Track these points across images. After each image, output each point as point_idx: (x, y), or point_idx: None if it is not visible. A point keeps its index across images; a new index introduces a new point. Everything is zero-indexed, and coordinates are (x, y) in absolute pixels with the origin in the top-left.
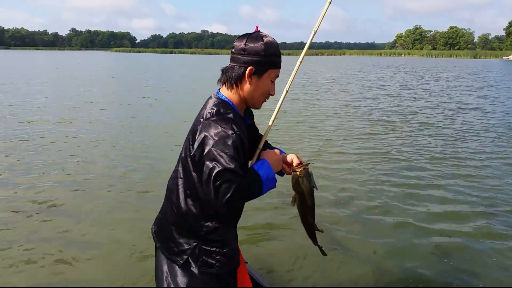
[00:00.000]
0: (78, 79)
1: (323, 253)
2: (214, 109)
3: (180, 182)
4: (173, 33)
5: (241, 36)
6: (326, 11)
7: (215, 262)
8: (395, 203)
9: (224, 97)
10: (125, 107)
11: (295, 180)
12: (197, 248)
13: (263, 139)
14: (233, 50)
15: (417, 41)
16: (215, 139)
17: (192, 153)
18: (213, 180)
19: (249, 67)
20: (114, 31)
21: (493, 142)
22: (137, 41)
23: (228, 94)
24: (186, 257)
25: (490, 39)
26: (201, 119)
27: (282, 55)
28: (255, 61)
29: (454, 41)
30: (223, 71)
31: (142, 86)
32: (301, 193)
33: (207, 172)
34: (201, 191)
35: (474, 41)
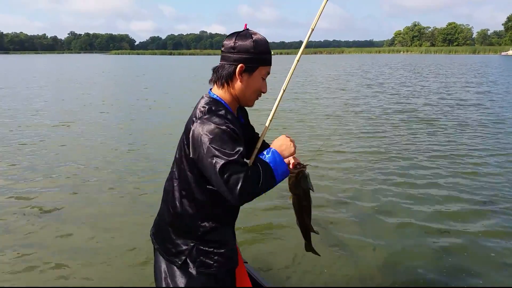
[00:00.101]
0: (77, 82)
1: (316, 253)
2: (205, 107)
3: (175, 183)
4: (172, 34)
5: (230, 34)
6: (323, 9)
7: (212, 262)
8: (395, 202)
9: (215, 96)
10: (125, 110)
11: (292, 181)
12: (195, 248)
13: (261, 138)
14: (223, 49)
15: (415, 38)
16: (210, 137)
17: (187, 153)
18: (220, 175)
19: (240, 65)
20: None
21: (493, 138)
22: (136, 43)
23: (219, 93)
24: (184, 257)
25: (489, 34)
26: (194, 118)
27: (281, 54)
28: (245, 58)
29: (452, 37)
30: (214, 70)
31: (141, 88)
32: (298, 194)
33: (212, 170)
34: (196, 191)
35: (473, 37)
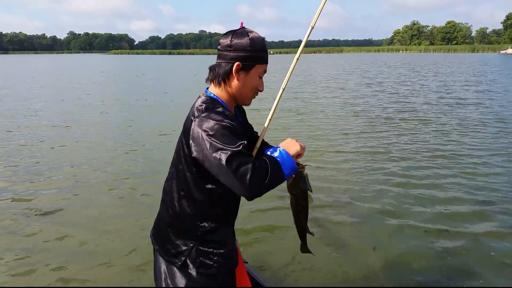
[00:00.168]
0: (76, 83)
1: (311, 253)
2: (203, 105)
3: (174, 183)
4: (171, 34)
5: (227, 33)
6: (322, 7)
7: (212, 263)
8: (395, 201)
9: (212, 95)
10: (124, 110)
11: (290, 181)
12: (194, 249)
13: (261, 137)
14: (219, 47)
15: (414, 36)
16: (211, 133)
17: (186, 153)
18: (227, 167)
19: (236, 63)
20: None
21: (493, 137)
22: (135, 43)
23: (216, 91)
24: (184, 258)
25: (487, 33)
26: (192, 117)
27: (280, 53)
28: (242, 56)
29: (451, 36)
30: (211, 69)
31: (141, 88)
32: (295, 194)
33: (218, 164)
34: (195, 191)
35: (471, 36)
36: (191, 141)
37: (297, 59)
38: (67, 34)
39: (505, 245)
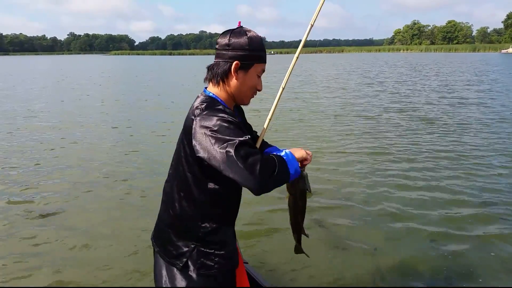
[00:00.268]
0: (76, 84)
1: (305, 254)
2: (203, 104)
3: (174, 184)
4: (171, 34)
5: (224, 32)
6: (322, 6)
7: (213, 264)
8: (395, 203)
9: (211, 94)
10: (124, 111)
11: None
12: (196, 250)
13: (261, 137)
14: (217, 46)
15: (415, 36)
16: (215, 129)
17: (187, 153)
18: (236, 157)
19: (235, 62)
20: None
21: (495, 138)
22: (135, 44)
23: (215, 91)
24: (185, 260)
25: (488, 32)
26: (192, 117)
27: (281, 53)
28: (241, 55)
29: (452, 35)
30: (209, 68)
31: (141, 88)
32: (294, 194)
33: (227, 156)
34: (196, 191)
35: (472, 35)
36: (194, 141)
37: (297, 58)
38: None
39: (505, 245)
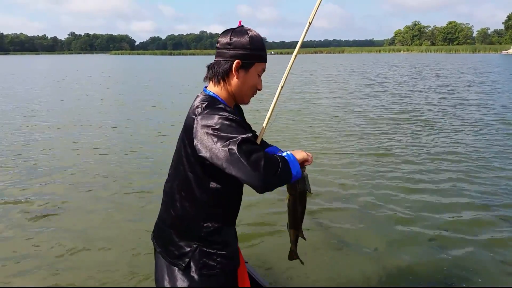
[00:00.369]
0: (76, 84)
1: (300, 260)
2: (204, 103)
3: (175, 184)
4: (172, 34)
5: (225, 31)
6: (320, 3)
7: (215, 264)
8: (396, 204)
9: (212, 93)
10: (124, 111)
11: None
12: (198, 250)
13: (260, 136)
14: (218, 45)
15: (416, 37)
16: (217, 127)
17: (188, 153)
18: (239, 154)
19: (236, 61)
20: (113, 34)
21: (496, 139)
22: (136, 44)
23: (216, 90)
24: (187, 260)
25: (489, 33)
26: (193, 116)
27: (281, 53)
28: (242, 54)
29: (453, 36)
30: (209, 67)
31: (141, 88)
32: (294, 195)
33: (230, 154)
34: (197, 191)
35: (473, 36)
36: (195, 141)
37: (295, 56)
38: (68, 35)
39: (506, 247)
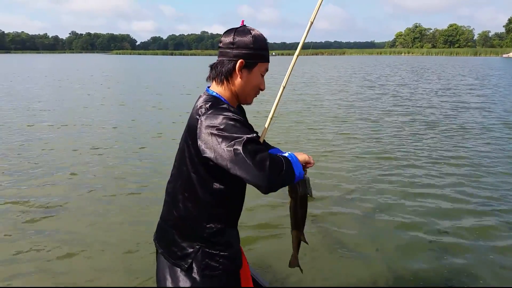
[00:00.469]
0: (77, 83)
1: (300, 269)
2: (207, 103)
3: (178, 184)
4: (173, 34)
5: (228, 30)
6: (321, 2)
7: (218, 265)
8: (398, 204)
9: (215, 93)
10: (125, 111)
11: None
12: (200, 251)
13: (262, 136)
14: (221, 45)
15: (416, 39)
16: (222, 127)
17: (192, 153)
18: (245, 154)
19: (240, 60)
20: (114, 33)
21: (496, 142)
22: (137, 43)
23: (219, 90)
24: (190, 261)
25: (490, 36)
26: (197, 116)
27: (282, 55)
28: (245, 54)
29: (454, 39)
30: (212, 67)
31: (142, 88)
32: (294, 198)
33: (234, 154)
34: (200, 192)
35: (474, 39)
36: (199, 142)
37: (297, 56)
38: (69, 34)
39: (506, 244)
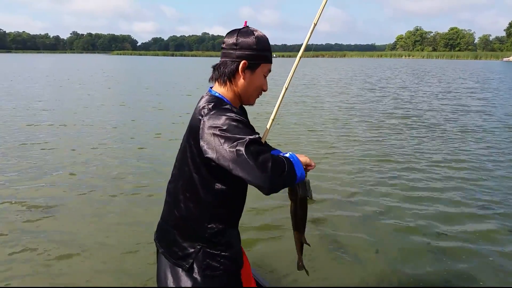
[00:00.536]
0: (78, 84)
1: (306, 271)
2: (210, 104)
3: (179, 184)
4: (174, 35)
5: (231, 31)
6: (325, 4)
7: (219, 265)
8: (398, 205)
9: (217, 94)
10: (125, 111)
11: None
12: (202, 251)
13: (264, 137)
14: (224, 45)
15: (417, 42)
16: (225, 127)
17: (194, 154)
18: (247, 155)
19: (243, 61)
20: (115, 34)
21: (497, 145)
22: (138, 44)
23: (221, 91)
24: (191, 261)
25: (490, 40)
26: (199, 117)
27: (283, 56)
28: (248, 55)
29: (454, 42)
30: (215, 68)
31: (142, 89)
32: (294, 200)
33: (237, 155)
34: (202, 192)
35: (474, 42)
36: (201, 142)
37: (300, 57)
38: (70, 34)
39: (506, 245)
